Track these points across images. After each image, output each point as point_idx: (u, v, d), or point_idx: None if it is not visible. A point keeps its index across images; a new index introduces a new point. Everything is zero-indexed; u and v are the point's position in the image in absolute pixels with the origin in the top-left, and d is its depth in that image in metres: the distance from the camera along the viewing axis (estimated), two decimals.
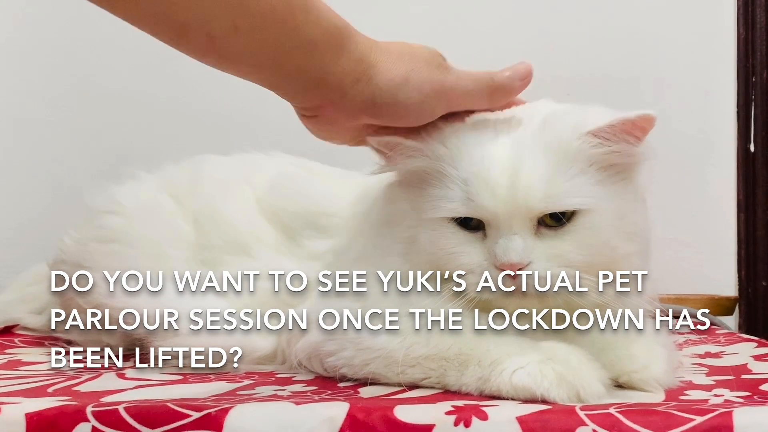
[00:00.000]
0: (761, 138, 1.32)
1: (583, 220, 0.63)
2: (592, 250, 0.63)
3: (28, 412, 0.55)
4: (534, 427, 0.52)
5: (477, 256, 0.64)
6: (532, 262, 0.62)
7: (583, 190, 0.63)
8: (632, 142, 0.64)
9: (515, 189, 0.63)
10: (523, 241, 0.63)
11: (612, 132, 0.64)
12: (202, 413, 0.54)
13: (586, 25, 1.34)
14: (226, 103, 1.35)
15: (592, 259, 0.63)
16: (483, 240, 0.65)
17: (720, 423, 0.51)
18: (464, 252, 0.65)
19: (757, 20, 1.32)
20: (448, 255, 0.65)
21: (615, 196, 0.65)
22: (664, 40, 1.33)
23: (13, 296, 1.05)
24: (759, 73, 1.32)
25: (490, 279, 0.63)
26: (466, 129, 0.68)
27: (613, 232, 0.64)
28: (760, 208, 1.32)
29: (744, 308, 1.32)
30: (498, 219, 0.63)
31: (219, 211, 0.84)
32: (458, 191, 0.64)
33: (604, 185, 0.64)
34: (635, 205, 0.67)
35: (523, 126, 0.67)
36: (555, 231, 0.63)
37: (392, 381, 0.65)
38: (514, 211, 0.63)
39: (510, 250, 0.62)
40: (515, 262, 0.62)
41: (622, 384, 0.64)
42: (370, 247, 0.71)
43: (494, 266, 0.63)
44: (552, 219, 0.63)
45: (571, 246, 0.63)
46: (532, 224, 0.63)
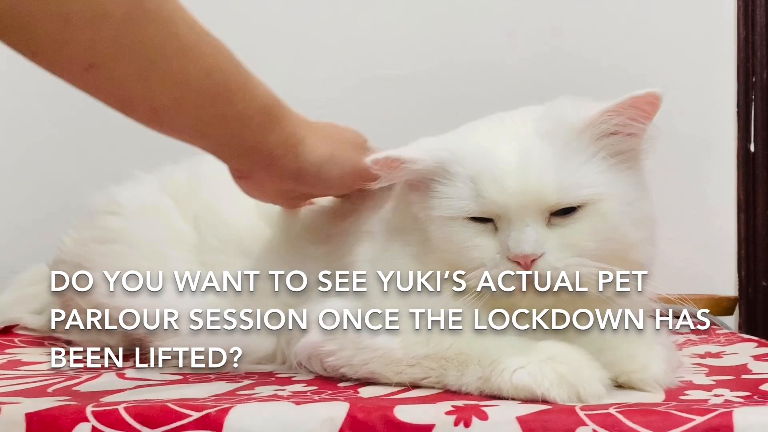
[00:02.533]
0: (761, 138, 1.32)
1: (594, 208, 0.63)
2: (604, 237, 0.63)
3: (28, 412, 0.55)
4: (534, 427, 0.52)
5: (490, 249, 0.64)
6: (546, 252, 0.62)
7: (593, 178, 0.63)
8: (640, 120, 0.64)
9: (526, 182, 0.62)
10: (536, 232, 0.62)
11: (620, 111, 0.63)
12: (202, 413, 0.54)
13: (585, 25, 1.34)
14: None
15: (604, 246, 0.63)
16: (495, 233, 0.64)
17: (720, 423, 0.51)
18: (477, 246, 0.64)
19: (757, 20, 1.32)
20: (461, 250, 0.65)
21: (623, 183, 0.65)
22: (664, 40, 1.33)
23: (13, 296, 1.05)
24: (759, 73, 1.32)
25: (502, 274, 0.62)
26: (467, 130, 0.69)
27: (623, 218, 0.64)
28: (760, 208, 1.32)
29: (744, 308, 1.32)
30: (509, 212, 0.63)
31: (218, 212, 0.84)
32: (467, 189, 0.64)
33: (612, 172, 0.64)
34: (642, 193, 0.67)
35: (523, 120, 0.67)
36: (565, 220, 0.63)
37: (392, 381, 0.65)
38: (525, 203, 0.62)
39: (523, 242, 0.62)
40: (528, 254, 0.62)
41: (621, 384, 0.64)
42: (378, 252, 0.71)
43: (507, 258, 0.63)
44: (562, 209, 0.63)
45: (583, 234, 0.63)
46: (543, 216, 0.63)
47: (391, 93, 1.35)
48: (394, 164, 0.66)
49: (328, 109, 1.35)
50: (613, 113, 0.63)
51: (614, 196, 0.64)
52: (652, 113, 0.64)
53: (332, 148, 0.72)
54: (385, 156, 0.66)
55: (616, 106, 0.63)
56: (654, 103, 0.64)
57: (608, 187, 0.63)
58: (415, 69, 1.33)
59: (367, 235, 0.73)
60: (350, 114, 1.32)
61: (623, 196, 0.64)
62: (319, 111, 1.35)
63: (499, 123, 0.68)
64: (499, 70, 1.32)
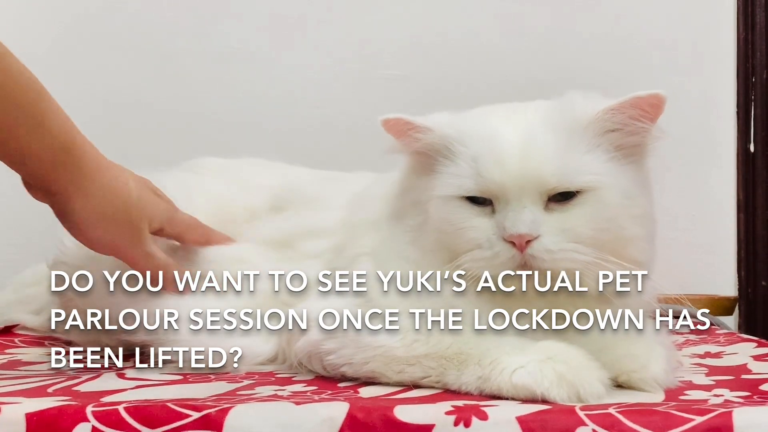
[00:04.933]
0: (761, 138, 1.32)
1: (593, 196, 0.63)
2: (601, 227, 0.63)
3: (28, 412, 0.55)
4: (534, 427, 0.52)
5: (485, 230, 0.64)
6: (542, 235, 0.62)
7: (594, 166, 0.64)
8: (643, 120, 0.65)
9: (526, 162, 0.63)
10: (533, 214, 0.63)
11: (622, 109, 0.64)
12: (202, 413, 0.54)
13: (585, 25, 1.34)
14: (226, 104, 1.35)
15: (601, 236, 0.63)
16: (492, 216, 0.65)
17: (720, 423, 0.51)
18: (473, 227, 0.64)
19: (757, 20, 1.32)
20: (457, 231, 0.65)
21: (624, 176, 0.65)
22: (664, 40, 1.33)
23: (12, 297, 1.05)
24: (759, 73, 1.32)
25: (499, 255, 0.62)
26: (479, 113, 0.69)
27: (621, 211, 0.64)
28: (760, 208, 1.32)
29: (744, 308, 1.32)
30: (507, 193, 0.63)
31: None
32: (467, 168, 0.65)
33: (614, 164, 0.65)
34: (644, 190, 0.67)
35: (532, 110, 0.68)
36: (563, 206, 0.64)
37: (392, 380, 0.65)
38: (524, 184, 0.63)
39: (519, 221, 0.62)
40: (524, 233, 0.62)
41: (621, 384, 0.64)
42: (377, 243, 0.72)
43: (503, 239, 0.63)
44: (561, 195, 0.64)
45: (580, 221, 0.63)
46: (542, 199, 0.63)
47: (391, 93, 1.35)
48: (403, 127, 0.68)
49: (328, 109, 1.35)
50: (615, 111, 0.64)
51: (614, 187, 0.64)
52: (655, 114, 0.65)
53: (103, 210, 0.74)
54: (396, 117, 0.68)
55: (618, 105, 0.64)
56: (656, 104, 0.64)
57: (608, 177, 0.64)
58: (415, 69, 1.33)
59: (372, 226, 0.73)
60: (350, 114, 1.33)
61: (623, 189, 0.64)
62: (319, 111, 1.35)
63: (511, 110, 0.69)
64: (499, 70, 1.32)
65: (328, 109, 1.34)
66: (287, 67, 1.35)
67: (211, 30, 1.34)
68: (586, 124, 0.64)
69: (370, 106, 1.35)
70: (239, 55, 1.35)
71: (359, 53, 1.35)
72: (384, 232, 0.72)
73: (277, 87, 1.35)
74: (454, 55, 1.35)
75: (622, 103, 0.64)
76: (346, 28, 1.36)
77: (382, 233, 0.72)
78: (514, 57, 1.33)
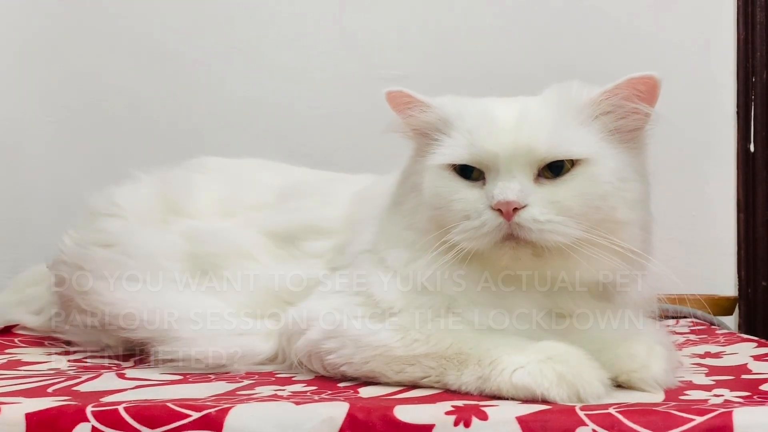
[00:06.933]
0: (761, 138, 1.32)
1: (583, 170, 0.64)
2: (591, 203, 0.63)
3: (28, 412, 0.55)
4: (534, 427, 0.52)
5: (474, 201, 0.64)
6: (529, 205, 0.62)
7: (586, 140, 0.65)
8: (637, 101, 0.66)
9: (519, 132, 0.64)
10: (521, 183, 0.63)
11: (617, 91, 0.65)
12: (202, 413, 0.54)
13: (585, 25, 1.34)
14: (226, 105, 1.35)
15: (591, 214, 0.63)
16: (482, 188, 0.65)
17: (720, 423, 0.51)
18: (463, 199, 0.65)
19: (757, 20, 1.32)
20: (448, 203, 0.65)
21: (618, 158, 0.65)
22: (664, 40, 1.33)
23: (12, 297, 1.05)
24: (759, 73, 1.32)
25: (486, 223, 0.63)
26: (484, 99, 0.71)
27: (613, 191, 0.64)
28: (759, 208, 1.32)
29: (744, 308, 1.32)
30: (498, 163, 0.64)
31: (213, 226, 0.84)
32: (462, 139, 0.66)
33: (608, 143, 0.66)
34: (639, 176, 0.67)
35: (531, 98, 0.69)
36: (553, 181, 0.64)
37: (392, 380, 0.65)
38: (515, 153, 0.63)
39: (507, 189, 0.62)
40: (511, 200, 0.62)
41: (621, 383, 0.64)
42: (378, 233, 0.72)
43: (490, 208, 0.63)
44: (551, 171, 0.64)
45: (569, 193, 0.63)
46: (532, 171, 0.64)
47: None
48: (405, 99, 0.70)
49: (328, 109, 1.35)
50: (610, 93, 0.65)
51: (606, 166, 0.64)
52: (650, 96, 0.66)
53: None
54: (399, 89, 0.70)
55: (614, 87, 0.66)
56: (650, 84, 0.65)
57: (601, 154, 0.65)
58: (415, 69, 1.33)
59: (372, 221, 0.74)
60: (350, 114, 1.32)
61: (616, 170, 0.65)
62: (319, 111, 1.35)
63: (512, 100, 0.70)
64: (499, 70, 1.32)
65: (328, 109, 1.34)
66: (287, 67, 1.35)
67: (211, 30, 1.34)
68: (582, 106, 0.66)
69: (370, 106, 1.34)
70: (239, 55, 1.35)
71: (359, 53, 1.35)
72: (383, 221, 0.72)
73: (277, 87, 1.35)
74: (454, 55, 1.35)
75: (617, 85, 0.65)
76: (345, 28, 1.36)
77: (381, 222, 0.73)
78: (514, 57, 1.33)
